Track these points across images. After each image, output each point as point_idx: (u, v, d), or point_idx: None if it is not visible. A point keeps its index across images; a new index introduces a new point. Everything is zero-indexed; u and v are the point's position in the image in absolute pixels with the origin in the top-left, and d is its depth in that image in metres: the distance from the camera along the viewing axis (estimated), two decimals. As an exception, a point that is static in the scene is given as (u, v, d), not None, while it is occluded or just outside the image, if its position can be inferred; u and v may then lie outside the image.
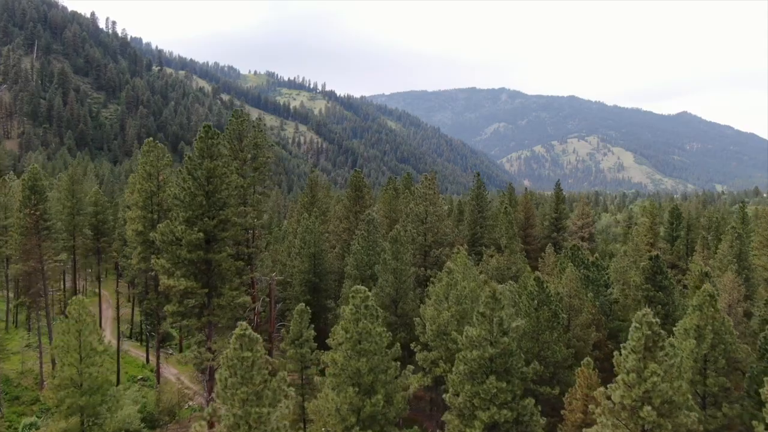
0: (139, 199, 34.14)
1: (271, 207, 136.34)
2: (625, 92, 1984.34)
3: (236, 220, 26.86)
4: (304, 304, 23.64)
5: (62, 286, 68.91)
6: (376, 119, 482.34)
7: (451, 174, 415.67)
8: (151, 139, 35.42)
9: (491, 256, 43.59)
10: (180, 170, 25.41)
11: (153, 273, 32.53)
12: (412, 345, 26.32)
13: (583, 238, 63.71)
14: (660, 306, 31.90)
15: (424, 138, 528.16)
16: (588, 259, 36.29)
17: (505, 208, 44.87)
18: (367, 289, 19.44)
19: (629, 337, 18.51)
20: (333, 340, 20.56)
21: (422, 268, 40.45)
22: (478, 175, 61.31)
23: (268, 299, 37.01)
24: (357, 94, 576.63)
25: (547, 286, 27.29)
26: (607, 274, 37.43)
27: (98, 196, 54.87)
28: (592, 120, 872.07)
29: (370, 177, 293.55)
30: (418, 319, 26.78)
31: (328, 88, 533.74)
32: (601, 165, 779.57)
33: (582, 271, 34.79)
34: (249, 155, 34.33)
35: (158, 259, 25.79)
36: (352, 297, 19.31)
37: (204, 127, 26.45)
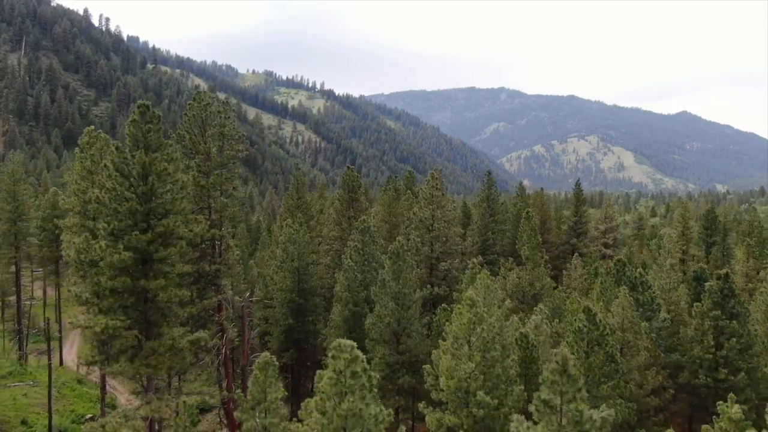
0: (77, 203, 27.26)
1: (265, 208, 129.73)
2: (625, 92, 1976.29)
3: (184, 233, 19.95)
4: (268, 354, 16.86)
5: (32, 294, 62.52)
6: (375, 119, 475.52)
7: (451, 174, 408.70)
8: (92, 127, 28.53)
9: (510, 270, 36.72)
10: (105, 165, 18.63)
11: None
12: (421, 406, 19.53)
13: (606, 245, 56.80)
14: (734, 339, 25.09)
15: (423, 137, 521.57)
16: (635, 277, 29.42)
17: (527, 212, 37.93)
18: (355, 344, 12.56)
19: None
20: (303, 426, 13.77)
21: (428, 285, 33.59)
22: (489, 173, 54.34)
23: (238, 328, 30.11)
24: (356, 94, 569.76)
25: (600, 320, 20.43)
26: (653, 293, 30.57)
27: (56, 197, 47.82)
28: (592, 119, 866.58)
29: (369, 177, 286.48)
30: (428, 366, 19.97)
31: (326, 87, 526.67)
32: (602, 165, 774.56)
33: (629, 291, 27.88)
34: (214, 148, 27.40)
35: (76, 285, 19.03)
36: (334, 357, 12.47)
37: (138, 107, 19.55)
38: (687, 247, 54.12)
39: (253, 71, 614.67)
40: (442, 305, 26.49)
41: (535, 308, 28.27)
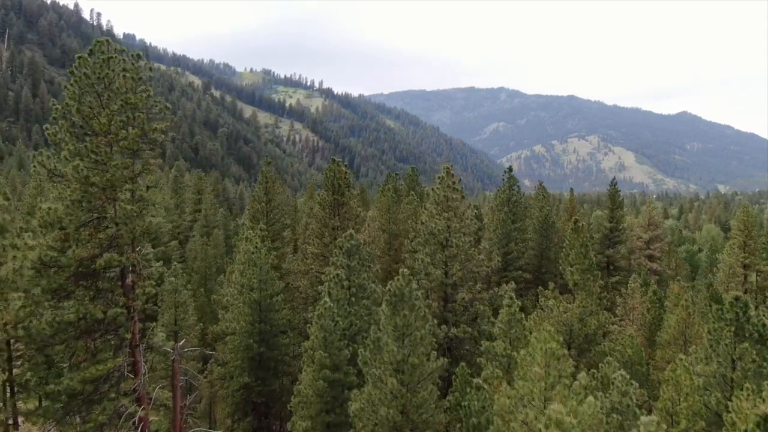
0: None
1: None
2: (625, 92, 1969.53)
3: None
4: None
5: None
6: (374, 118, 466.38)
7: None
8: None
9: (550, 299, 26.98)
10: None
11: None
12: None
13: (651, 257, 47.02)
14: None
15: (423, 137, 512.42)
16: (761, 322, 19.73)
17: (574, 221, 28.00)
18: None
19: None
20: None
21: (443, 325, 23.89)
22: (510, 170, 44.52)
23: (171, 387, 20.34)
24: (355, 93, 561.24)
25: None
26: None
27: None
28: (592, 119, 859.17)
29: (368, 177, 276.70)
30: None
31: (325, 87, 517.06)
32: (602, 165, 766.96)
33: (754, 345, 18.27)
34: (119, 125, 17.71)
35: None
36: None
37: None
38: (750, 261, 44.73)
39: (251, 70, 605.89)
40: (470, 380, 16.55)
41: (604, 361, 18.52)
